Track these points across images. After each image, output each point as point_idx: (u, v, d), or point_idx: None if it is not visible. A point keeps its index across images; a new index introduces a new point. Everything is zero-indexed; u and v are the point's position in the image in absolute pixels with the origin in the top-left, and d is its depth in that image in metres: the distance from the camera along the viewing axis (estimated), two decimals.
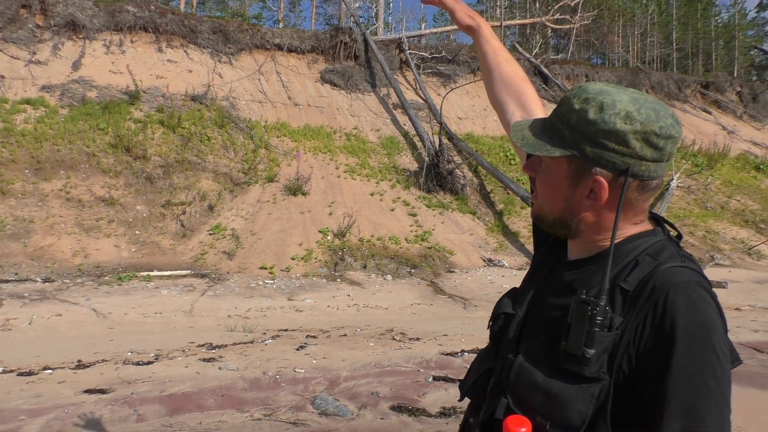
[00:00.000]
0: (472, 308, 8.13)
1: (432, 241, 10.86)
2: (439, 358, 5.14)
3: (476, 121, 16.19)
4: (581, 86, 1.03)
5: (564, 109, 1.02)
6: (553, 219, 1.08)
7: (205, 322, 6.71)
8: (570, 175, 1.02)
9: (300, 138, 13.18)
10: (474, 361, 1.25)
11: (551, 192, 1.06)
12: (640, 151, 0.96)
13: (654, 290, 0.94)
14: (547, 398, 0.96)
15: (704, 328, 0.90)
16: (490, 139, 15.32)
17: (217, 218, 10.35)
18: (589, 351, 0.91)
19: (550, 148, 1.01)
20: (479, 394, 1.14)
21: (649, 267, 0.97)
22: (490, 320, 1.19)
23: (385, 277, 9.51)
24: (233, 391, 4.12)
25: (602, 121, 0.96)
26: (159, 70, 13.58)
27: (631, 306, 0.95)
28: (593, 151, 0.98)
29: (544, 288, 1.12)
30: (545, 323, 1.05)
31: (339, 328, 6.49)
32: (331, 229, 10.47)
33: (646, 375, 0.92)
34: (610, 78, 20.54)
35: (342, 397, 4.11)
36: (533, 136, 1.05)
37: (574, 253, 1.11)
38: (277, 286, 8.57)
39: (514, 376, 1.02)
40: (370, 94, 15.80)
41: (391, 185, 12.49)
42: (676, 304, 0.91)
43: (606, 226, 1.04)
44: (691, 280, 0.94)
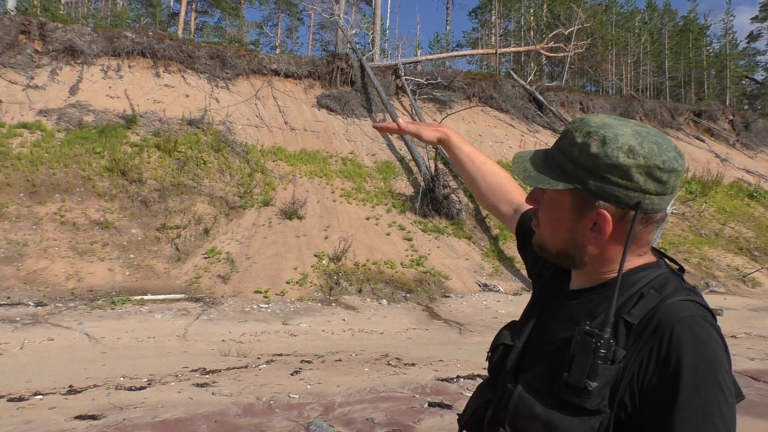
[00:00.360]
0: (468, 333, 8.09)
1: (427, 266, 10.85)
2: (434, 384, 5.09)
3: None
4: (583, 119, 1.03)
5: (566, 143, 1.02)
6: (557, 251, 1.08)
7: (199, 347, 6.64)
8: (573, 208, 1.02)
9: (296, 162, 13.23)
10: (473, 394, 1.24)
11: (554, 224, 1.06)
12: (644, 185, 0.96)
13: (659, 325, 0.92)
14: (547, 430, 0.94)
15: (710, 365, 0.89)
16: None
17: (212, 242, 10.33)
18: (592, 384, 0.90)
19: (553, 182, 1.01)
20: (476, 426, 1.13)
21: (653, 301, 0.96)
22: (488, 352, 1.18)
23: (381, 302, 9.47)
24: (227, 416, 4.06)
25: (605, 155, 0.96)
26: (156, 95, 13.68)
27: (635, 340, 0.94)
28: (596, 185, 0.98)
29: (545, 318, 1.12)
30: (545, 354, 1.04)
31: (334, 352, 6.43)
32: (326, 253, 10.45)
33: (650, 411, 0.90)
34: (604, 105, 20.78)
35: (337, 423, 4.06)
36: (535, 169, 1.05)
37: (577, 282, 1.11)
38: (272, 310, 8.51)
39: (512, 407, 1.00)
40: (366, 119, 15.92)
41: (387, 210, 12.51)
42: (682, 340, 0.90)
43: (610, 259, 1.03)
44: (697, 314, 0.93)
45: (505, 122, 18.10)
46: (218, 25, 34.73)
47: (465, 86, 18.11)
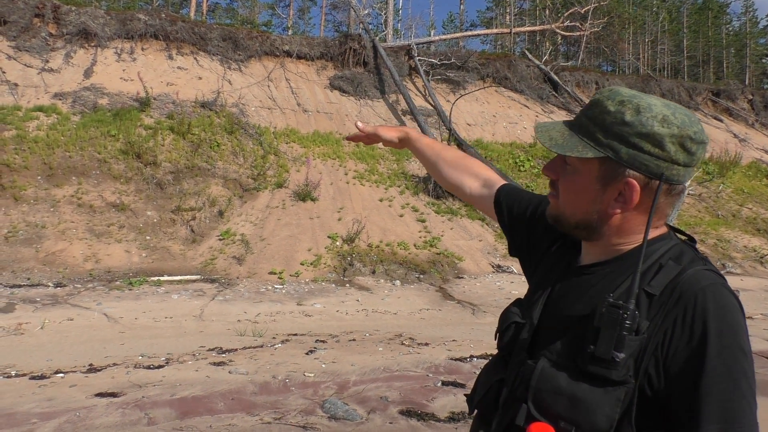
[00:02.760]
0: (481, 314, 8.12)
1: (441, 247, 10.85)
2: (448, 363, 5.13)
3: (485, 128, 16.19)
4: (612, 89, 1.03)
5: (596, 111, 1.01)
6: (576, 221, 1.06)
7: (215, 327, 6.73)
8: (600, 177, 1.01)
9: (309, 144, 13.23)
10: (481, 374, 1.24)
11: (578, 194, 1.05)
12: (674, 155, 0.97)
13: (682, 294, 0.94)
14: (573, 403, 0.95)
15: (734, 331, 0.90)
16: (500, 145, 15.31)
17: (227, 224, 10.40)
18: (619, 355, 0.91)
19: (583, 150, 1.00)
20: (489, 406, 1.13)
21: (674, 271, 0.97)
22: (497, 331, 1.18)
23: (394, 283, 9.51)
24: (243, 394, 4.13)
25: (639, 123, 0.96)
26: (169, 77, 13.71)
27: (658, 310, 0.95)
28: (628, 153, 0.98)
29: (557, 294, 1.11)
30: (563, 328, 1.03)
31: (348, 332, 6.49)
32: (340, 234, 10.49)
33: (676, 378, 0.91)
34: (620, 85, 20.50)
35: (351, 401, 4.12)
36: (562, 137, 1.04)
37: (590, 257, 1.10)
38: (287, 291, 8.59)
39: (535, 382, 1.00)
40: (379, 101, 15.85)
41: (400, 191, 12.50)
42: (706, 308, 0.91)
43: (630, 229, 1.04)
44: (717, 282, 0.95)
45: (520, 103, 17.94)
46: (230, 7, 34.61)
47: (479, 66, 17.94)
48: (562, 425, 0.95)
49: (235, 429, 3.56)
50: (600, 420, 0.93)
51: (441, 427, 3.79)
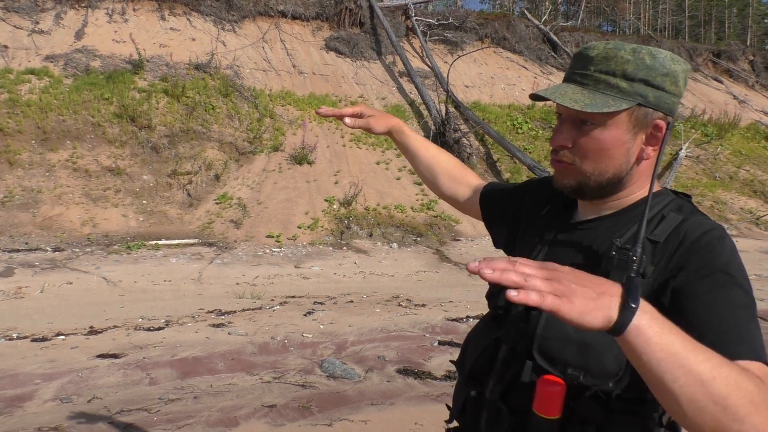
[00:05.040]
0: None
1: (438, 210, 10.87)
2: (444, 324, 5.20)
3: (483, 90, 16.03)
4: (608, 43, 1.04)
5: (613, 63, 1.01)
6: (607, 179, 1.05)
7: (214, 290, 6.79)
8: (632, 125, 1.02)
9: (305, 107, 13.11)
10: (470, 337, 1.23)
11: (609, 150, 1.03)
12: (681, 90, 1.03)
13: (686, 238, 0.97)
14: (582, 349, 0.97)
15: (738, 268, 0.94)
16: (497, 107, 15.19)
17: (224, 187, 10.38)
18: None
19: (615, 103, 0.99)
20: (483, 367, 1.13)
21: (675, 220, 1.01)
22: (490, 290, 1.17)
23: (391, 246, 9.56)
24: (243, 355, 4.20)
25: (660, 65, 1.00)
26: (162, 39, 13.47)
27: (662, 255, 0.98)
28: (655, 95, 1.00)
29: (557, 248, 1.13)
30: None
31: (345, 294, 6.55)
32: (337, 197, 10.50)
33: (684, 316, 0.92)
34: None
35: (349, 360, 4.19)
36: (586, 97, 1.01)
37: (590, 213, 1.13)
38: (284, 254, 8.63)
39: (542, 330, 1.01)
40: (375, 62, 15.64)
41: (397, 154, 12.44)
42: (710, 250, 0.95)
43: (647, 172, 1.07)
44: (719, 227, 1.00)
45: (518, 64, 17.72)
46: None
47: (477, 27, 17.64)
48: (569, 372, 0.97)
49: (235, 388, 3.63)
50: (610, 363, 0.95)
51: (437, 385, 3.87)
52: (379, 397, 3.62)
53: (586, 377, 0.96)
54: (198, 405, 3.39)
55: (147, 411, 3.29)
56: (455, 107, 13.76)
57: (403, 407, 3.49)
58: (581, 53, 1.07)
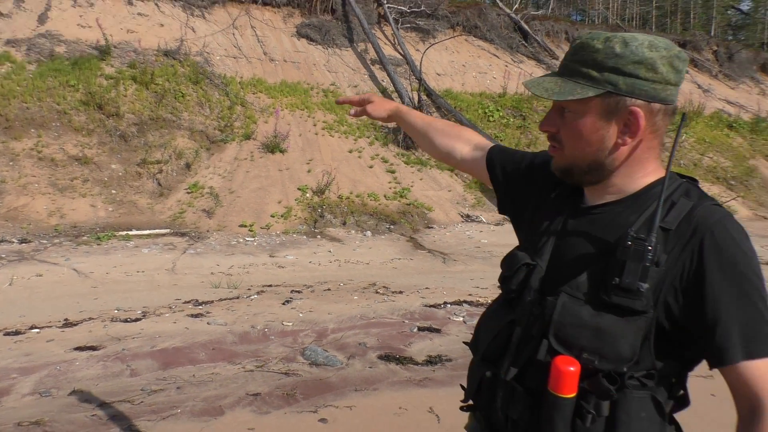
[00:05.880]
0: (452, 262, 8.27)
1: (411, 198, 10.93)
2: (422, 310, 5.26)
3: (455, 78, 16.09)
4: (590, 32, 1.08)
5: (584, 53, 1.05)
6: (588, 164, 1.09)
7: (189, 280, 6.73)
8: (603, 113, 1.05)
9: (276, 94, 12.98)
10: (483, 320, 1.26)
11: (585, 137, 1.08)
12: (667, 76, 1.03)
13: (698, 227, 1.00)
14: (597, 334, 0.99)
15: (748, 258, 0.98)
16: (469, 95, 15.27)
17: (195, 176, 10.25)
18: (643, 285, 0.96)
19: (581, 91, 1.04)
20: (499, 349, 1.15)
21: (686, 207, 1.03)
22: (503, 275, 1.20)
23: (365, 234, 9.58)
24: (223, 344, 4.19)
25: (631, 53, 1.02)
26: (129, 24, 13.16)
27: (675, 243, 1.00)
28: (626, 82, 1.02)
29: (568, 234, 1.15)
30: (580, 265, 1.07)
31: (322, 282, 6.56)
32: (310, 186, 10.46)
33: (697, 305, 0.97)
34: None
35: (330, 348, 4.21)
36: (557, 86, 1.06)
37: (597, 198, 1.14)
38: (258, 243, 8.59)
39: (558, 316, 1.03)
40: (347, 50, 15.55)
41: (370, 142, 12.45)
42: (723, 240, 0.98)
43: (638, 164, 1.09)
44: (728, 215, 1.02)
45: (489, 52, 17.82)
46: None
47: (449, 15, 17.66)
48: (584, 356, 1.00)
49: (218, 378, 3.63)
50: (624, 348, 0.98)
51: (419, 370, 3.92)
52: (362, 383, 3.65)
53: (601, 362, 0.99)
54: (181, 395, 3.38)
55: (130, 402, 3.27)
56: (428, 95, 13.80)
57: (386, 392, 3.53)
58: (571, 44, 1.11)
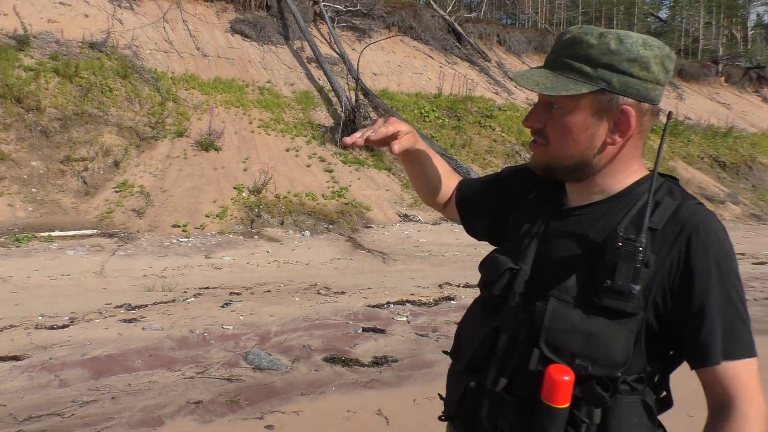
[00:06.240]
0: (391, 262, 8.28)
1: (349, 197, 10.88)
2: (366, 311, 5.23)
3: (391, 78, 16.15)
4: (581, 27, 1.04)
5: (577, 48, 1.02)
6: (575, 162, 1.06)
7: (120, 283, 6.41)
8: (595, 110, 1.02)
9: (210, 91, 12.62)
10: (465, 326, 1.22)
11: (573, 134, 1.04)
12: (658, 75, 1.01)
13: (684, 228, 0.99)
14: (589, 339, 0.97)
15: (730, 258, 0.99)
16: (405, 95, 15.37)
17: (123, 174, 9.81)
18: (635, 287, 0.94)
19: (575, 87, 1.00)
20: (484, 357, 1.11)
21: (671, 207, 1.02)
22: (484, 280, 1.16)
23: (303, 234, 9.46)
24: (161, 350, 4.00)
25: (626, 50, 0.99)
26: (50, 14, 12.44)
27: (662, 243, 0.99)
28: (619, 80, 1.00)
29: (552, 236, 1.11)
30: (567, 268, 1.04)
31: (261, 284, 6.41)
32: (246, 185, 10.22)
33: (684, 305, 0.97)
34: (520, 38, 21.05)
35: (274, 351, 4.11)
36: (548, 80, 1.03)
37: (580, 198, 1.12)
38: (193, 244, 8.31)
39: (548, 322, 1.00)
40: (283, 47, 15.32)
41: (307, 141, 12.30)
42: (708, 239, 0.98)
43: (623, 163, 1.07)
44: (712, 215, 1.02)
45: (424, 53, 18.00)
46: None
47: (384, 15, 17.72)
48: (577, 363, 0.97)
49: (156, 386, 3.46)
50: (617, 352, 0.96)
51: (366, 371, 3.88)
52: (308, 386, 3.58)
53: (594, 367, 0.96)
54: (117, 405, 3.19)
55: (60, 416, 3.06)
56: (364, 95, 13.77)
57: (334, 395, 3.47)
58: (558, 37, 1.08)
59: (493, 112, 15.87)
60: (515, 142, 15.06)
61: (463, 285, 6.63)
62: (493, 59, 19.50)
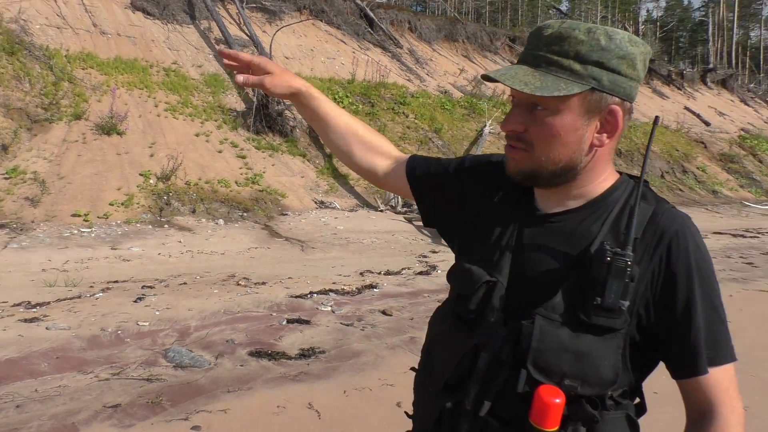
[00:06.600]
0: (310, 250, 8.17)
1: (263, 184, 10.61)
2: (289, 301, 5.11)
3: (303, 62, 15.87)
4: (564, 21, 0.98)
5: (566, 44, 0.95)
6: (561, 167, 0.99)
7: (15, 279, 5.89)
8: (584, 111, 0.96)
9: (111, 71, 11.83)
10: (436, 344, 1.13)
11: (561, 137, 0.97)
12: (640, 74, 0.97)
13: (663, 235, 0.96)
14: (578, 358, 0.92)
15: (708, 262, 0.98)
16: (318, 80, 15.14)
17: (14, 160, 9.02)
18: (625, 303, 0.91)
19: (566, 87, 0.93)
20: (461, 377, 1.03)
21: (648, 212, 0.99)
22: (459, 294, 1.07)
23: (217, 222, 9.13)
24: (70, 351, 3.70)
25: (616, 47, 0.94)
26: None
27: (643, 252, 0.96)
28: (609, 79, 0.95)
29: (526, 247, 1.05)
30: (549, 282, 0.98)
31: (176, 276, 6.12)
32: (153, 172, 9.71)
33: (668, 313, 0.95)
34: (431, 26, 21.28)
35: (196, 347, 3.92)
36: (537, 80, 0.94)
37: (554, 204, 1.06)
38: (96, 234, 7.79)
39: (537, 343, 0.94)
40: (189, 27, 14.62)
41: (218, 126, 11.85)
42: (687, 245, 0.96)
43: (603, 162, 1.02)
44: (688, 219, 1.00)
45: (337, 38, 17.80)
46: None
47: None
48: (566, 383, 0.92)
49: (67, 390, 3.20)
50: (606, 370, 0.93)
51: (293, 364, 3.79)
52: (234, 383, 3.44)
53: (584, 387, 0.93)
54: (23, 414, 2.92)
55: None
56: None
57: (262, 391, 3.36)
58: (535, 32, 0.99)
59: (406, 98, 15.98)
60: (428, 129, 15.27)
61: (384, 272, 6.65)
62: (405, 46, 19.61)
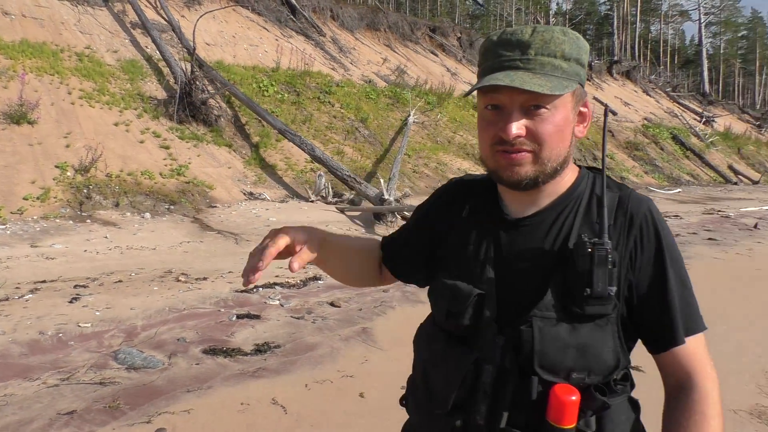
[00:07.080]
0: (245, 243, 8.03)
1: (189, 176, 10.30)
2: (235, 296, 5.03)
3: (225, 49, 15.42)
4: (534, 26, 1.02)
5: (553, 45, 0.98)
6: (559, 164, 1.03)
7: None
8: (574, 105, 1.03)
9: (17, 55, 11.03)
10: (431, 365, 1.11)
11: (563, 132, 1.01)
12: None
13: (633, 219, 1.03)
14: (581, 351, 0.96)
15: (673, 238, 1.06)
16: (242, 68, 14.78)
17: None
18: (613, 289, 0.96)
19: (566, 84, 0.98)
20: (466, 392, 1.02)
21: (614, 199, 1.04)
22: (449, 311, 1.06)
23: (143, 216, 8.78)
24: (10, 358, 3.49)
25: (583, 44, 1.02)
26: None
27: (618, 237, 1.01)
28: (582, 73, 1.02)
29: (505, 254, 1.07)
30: (536, 283, 1.01)
31: (108, 274, 5.85)
32: (70, 163, 9.19)
33: (646, 292, 1.02)
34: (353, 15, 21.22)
35: (146, 347, 3.79)
36: (546, 80, 0.97)
37: (524, 208, 1.08)
38: (12, 231, 7.30)
39: (539, 345, 0.96)
40: (102, 9, 13.85)
41: (138, 115, 11.34)
42: (656, 226, 1.03)
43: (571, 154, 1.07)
44: (650, 200, 1.07)
45: (259, 25, 17.41)
46: None
47: None
48: (574, 376, 0.96)
49: (14, 399, 3.02)
50: (608, 356, 0.98)
51: (250, 360, 3.76)
52: (193, 382, 3.37)
53: (591, 377, 0.97)
54: None
55: None
56: (200, 66, 12.99)
57: (222, 389, 3.32)
58: (511, 39, 1.00)
59: (331, 88, 15.91)
60: (354, 118, 15.29)
61: None
62: (327, 34, 19.47)
